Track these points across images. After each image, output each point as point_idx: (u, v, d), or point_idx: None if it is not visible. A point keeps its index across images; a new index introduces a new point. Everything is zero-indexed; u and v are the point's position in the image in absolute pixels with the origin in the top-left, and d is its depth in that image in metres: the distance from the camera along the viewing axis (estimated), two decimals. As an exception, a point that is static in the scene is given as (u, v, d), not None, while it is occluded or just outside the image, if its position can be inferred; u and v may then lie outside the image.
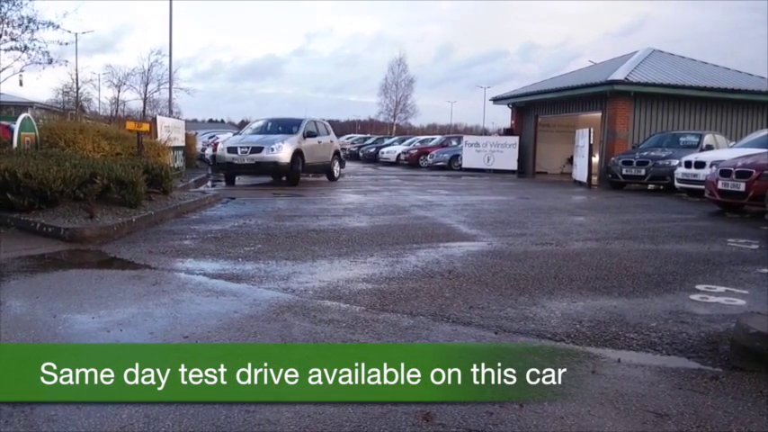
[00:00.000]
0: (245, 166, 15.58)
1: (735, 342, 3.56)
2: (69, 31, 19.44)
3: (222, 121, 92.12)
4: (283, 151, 15.12)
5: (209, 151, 25.28)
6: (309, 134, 16.25)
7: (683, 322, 4.19)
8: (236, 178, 16.47)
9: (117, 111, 44.34)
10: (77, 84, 39.92)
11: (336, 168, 17.76)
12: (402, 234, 7.80)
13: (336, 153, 17.89)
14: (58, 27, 15.16)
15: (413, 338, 3.82)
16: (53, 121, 15.12)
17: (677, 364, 3.47)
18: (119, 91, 46.25)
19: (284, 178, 15.57)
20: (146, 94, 46.47)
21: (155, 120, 16.65)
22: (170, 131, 16.52)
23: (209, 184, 16.78)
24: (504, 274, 5.60)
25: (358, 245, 7.00)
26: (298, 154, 15.33)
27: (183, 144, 18.32)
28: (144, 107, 45.72)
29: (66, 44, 32.07)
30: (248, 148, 15.41)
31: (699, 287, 5.19)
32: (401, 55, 79.74)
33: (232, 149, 15.49)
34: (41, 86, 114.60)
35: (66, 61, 17.19)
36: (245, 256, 6.32)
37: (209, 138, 30.93)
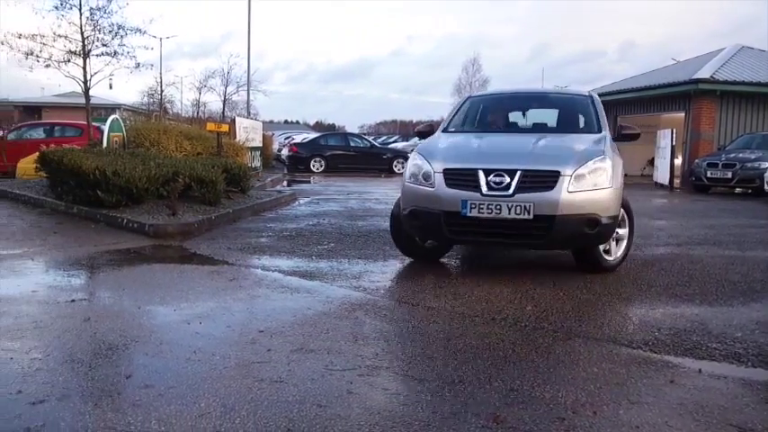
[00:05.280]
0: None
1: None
2: (155, 36, 20.18)
3: (297, 122, 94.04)
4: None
5: (285, 152, 25.92)
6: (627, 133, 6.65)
7: (770, 333, 3.98)
8: None
9: (198, 112, 45.88)
10: (161, 86, 41.54)
11: None
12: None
13: None
14: (144, 33, 15.79)
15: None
16: (139, 123, 15.85)
17: (763, 377, 3.29)
18: (200, 93, 47.79)
19: None
20: (225, 96, 47.82)
21: (234, 121, 17.18)
22: (248, 132, 17.01)
23: (284, 183, 17.14)
24: (580, 277, 5.47)
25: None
26: None
27: (261, 144, 18.83)
28: (223, 108, 47.05)
29: (152, 49, 33.66)
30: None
31: (789, 296, 4.92)
32: (475, 55, 79.22)
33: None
34: (129, 89, 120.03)
35: (152, 65, 17.93)
36: (318, 254, 6.43)
37: (285, 138, 31.70)
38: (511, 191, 5.01)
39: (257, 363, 3.33)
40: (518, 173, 5.05)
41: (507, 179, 5.05)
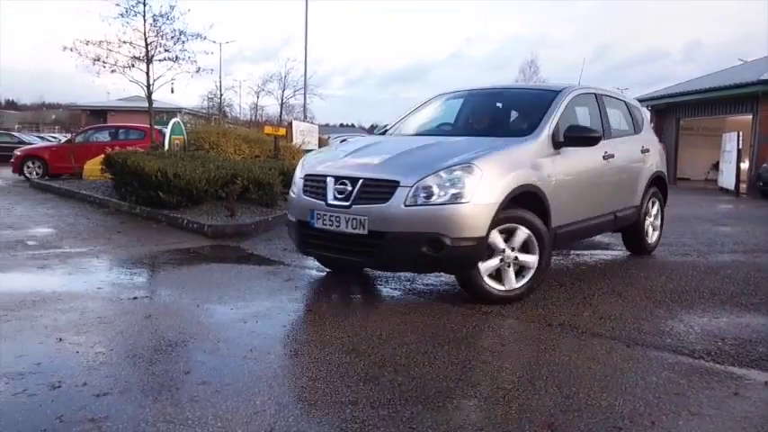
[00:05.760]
0: None
1: None
2: (214, 42, 20.73)
3: (353, 125, 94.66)
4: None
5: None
6: (576, 136, 5.23)
7: (844, 346, 3.79)
8: None
9: (256, 115, 46.83)
10: (221, 90, 42.62)
11: (650, 227, 7.05)
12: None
13: (656, 180, 7.02)
14: (205, 38, 16.24)
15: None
16: (199, 126, 16.28)
17: (836, 392, 3.14)
18: (258, 97, 48.78)
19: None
20: (282, 100, 48.60)
21: (290, 124, 17.46)
22: (304, 135, 17.25)
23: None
24: (640, 284, 5.34)
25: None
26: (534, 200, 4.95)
27: (317, 147, 19.05)
28: (281, 112, 47.84)
29: (212, 53, 34.57)
30: None
31: None
32: (533, 57, 78.57)
33: None
34: (190, 93, 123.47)
35: (212, 69, 18.39)
36: (372, 257, 6.44)
37: (341, 141, 31.96)
38: (349, 202, 4.50)
39: (311, 362, 3.36)
40: (359, 182, 4.51)
41: (350, 188, 4.54)
